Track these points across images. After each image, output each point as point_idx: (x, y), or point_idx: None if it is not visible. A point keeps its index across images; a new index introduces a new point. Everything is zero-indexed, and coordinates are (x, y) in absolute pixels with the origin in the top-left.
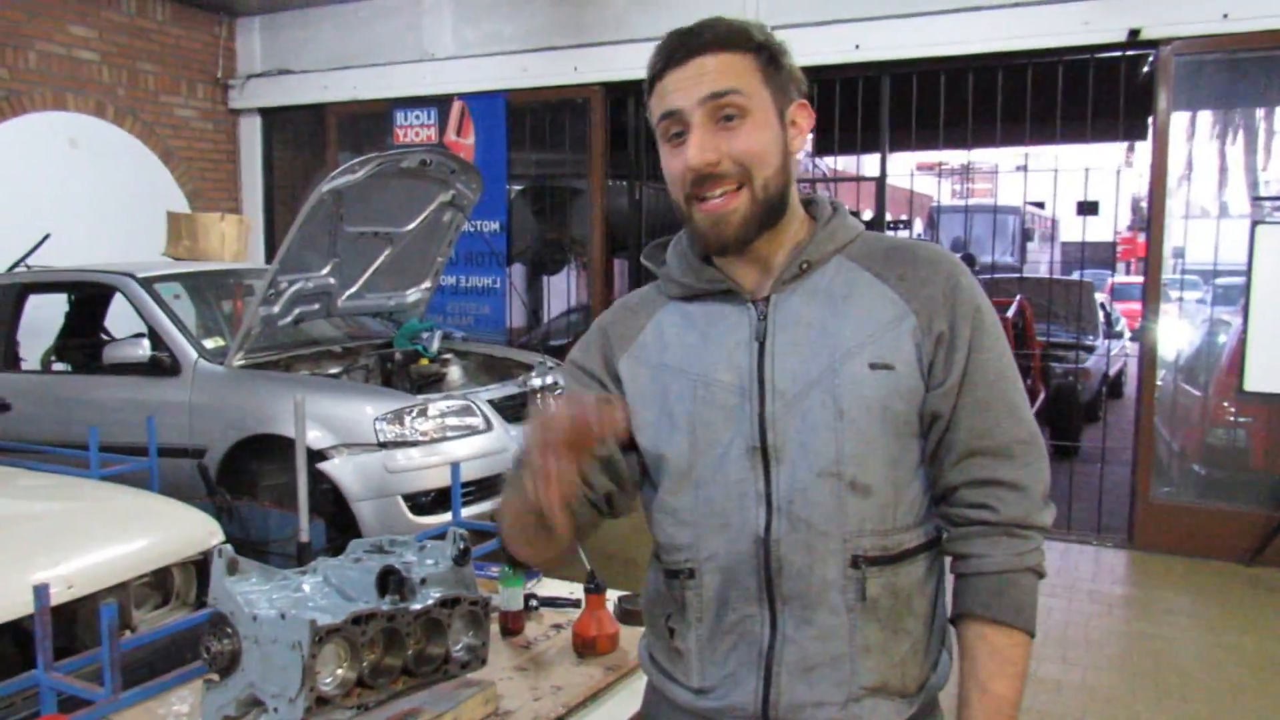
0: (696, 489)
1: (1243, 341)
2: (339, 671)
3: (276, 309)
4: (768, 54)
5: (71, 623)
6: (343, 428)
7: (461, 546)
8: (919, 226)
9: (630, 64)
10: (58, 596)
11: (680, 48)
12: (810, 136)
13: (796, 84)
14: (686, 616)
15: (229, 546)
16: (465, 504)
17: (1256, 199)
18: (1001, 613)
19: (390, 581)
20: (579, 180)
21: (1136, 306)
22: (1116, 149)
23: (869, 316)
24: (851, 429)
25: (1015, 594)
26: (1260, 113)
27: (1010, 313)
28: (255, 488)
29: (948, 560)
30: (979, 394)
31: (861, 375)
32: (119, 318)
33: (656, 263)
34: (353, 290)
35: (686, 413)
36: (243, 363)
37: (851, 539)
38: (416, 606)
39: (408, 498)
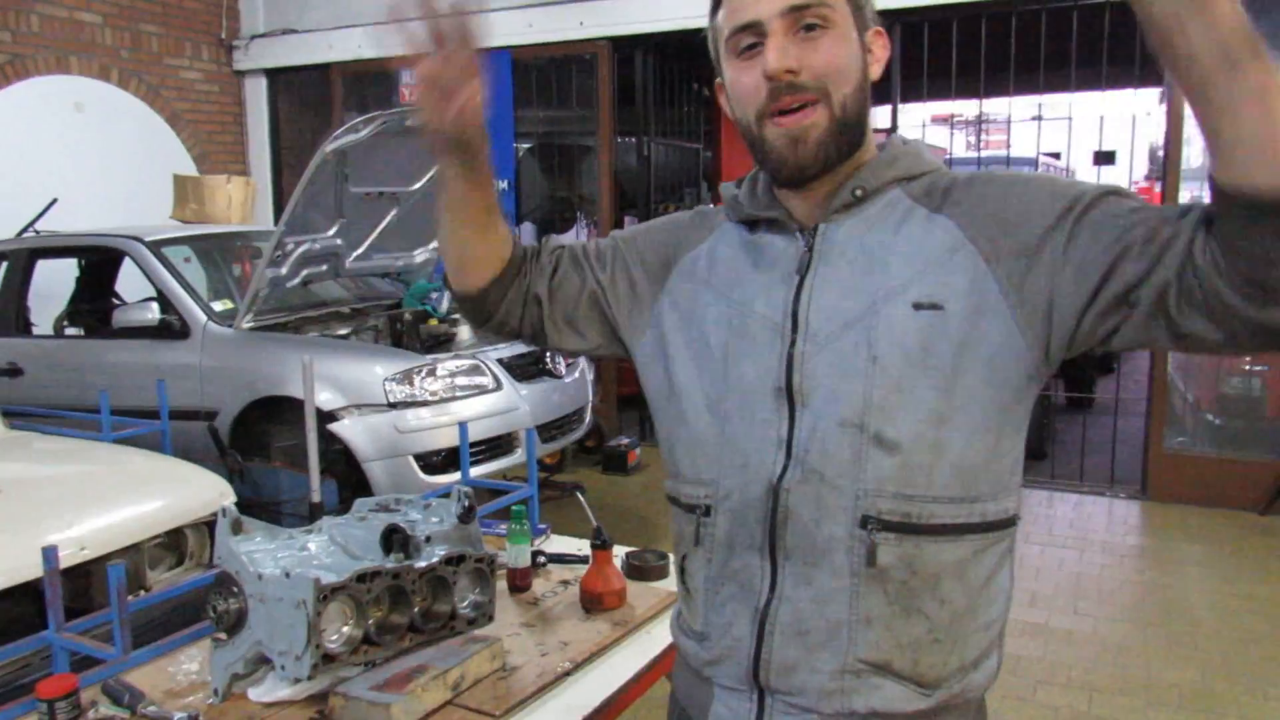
0: (724, 423)
1: None
2: (345, 629)
3: (284, 270)
4: None
5: (87, 584)
6: (352, 388)
7: (466, 504)
8: None
9: (637, 18)
10: (71, 558)
11: None
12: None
13: (872, 10)
14: (698, 555)
15: (233, 506)
16: (475, 463)
17: None
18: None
19: (395, 539)
20: (587, 137)
21: None
22: (1135, 97)
23: (918, 250)
24: (883, 376)
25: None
26: None
27: None
28: (267, 449)
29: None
30: (1121, 224)
31: (902, 316)
32: (130, 281)
33: (729, 191)
34: (360, 251)
35: (721, 342)
36: (252, 325)
37: (865, 497)
38: (421, 564)
39: (418, 457)
